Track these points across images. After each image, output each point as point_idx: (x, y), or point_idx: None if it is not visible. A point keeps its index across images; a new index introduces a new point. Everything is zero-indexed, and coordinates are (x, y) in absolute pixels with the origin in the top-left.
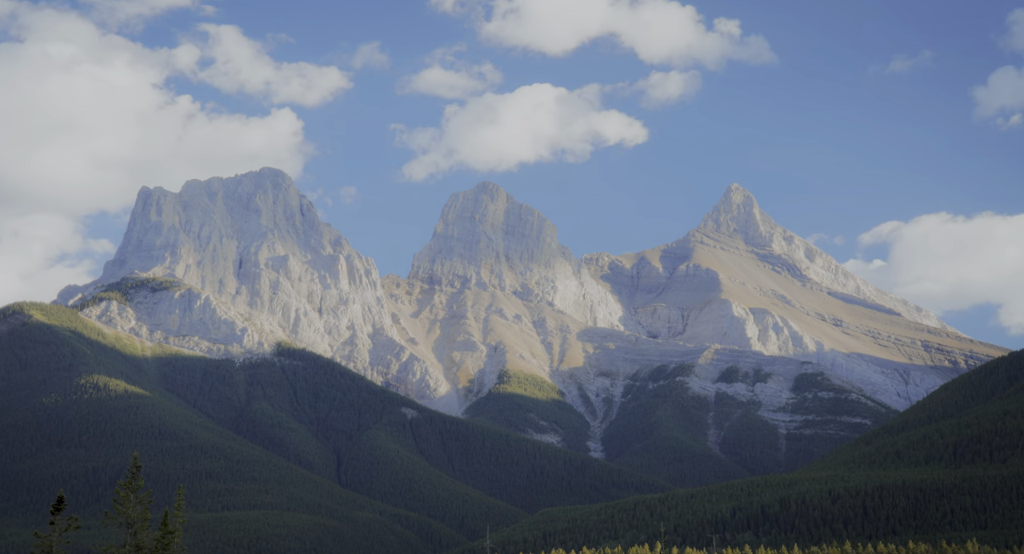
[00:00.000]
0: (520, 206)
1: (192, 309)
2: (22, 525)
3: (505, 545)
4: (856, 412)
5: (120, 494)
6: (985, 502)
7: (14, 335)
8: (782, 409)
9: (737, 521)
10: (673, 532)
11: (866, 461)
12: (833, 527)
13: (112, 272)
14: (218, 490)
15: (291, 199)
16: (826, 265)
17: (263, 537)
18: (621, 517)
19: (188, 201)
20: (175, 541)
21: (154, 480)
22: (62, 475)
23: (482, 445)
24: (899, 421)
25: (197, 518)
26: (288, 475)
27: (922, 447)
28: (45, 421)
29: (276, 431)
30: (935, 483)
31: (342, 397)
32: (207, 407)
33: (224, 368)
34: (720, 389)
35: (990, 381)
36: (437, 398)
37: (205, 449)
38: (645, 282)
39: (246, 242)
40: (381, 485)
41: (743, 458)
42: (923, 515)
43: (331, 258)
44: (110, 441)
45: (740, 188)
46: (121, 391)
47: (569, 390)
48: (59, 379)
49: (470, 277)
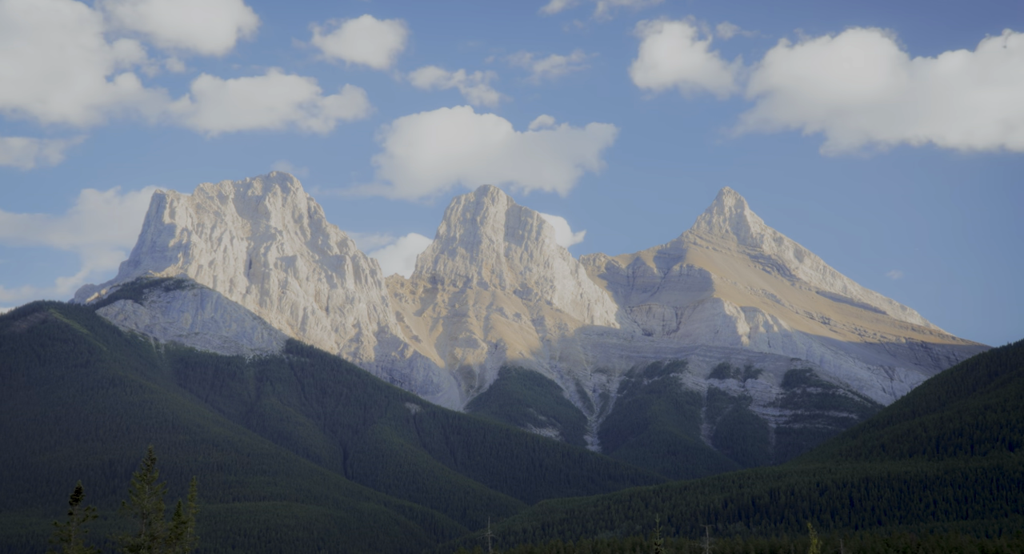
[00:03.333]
0: (520, 208)
1: (204, 308)
2: (42, 515)
3: (505, 535)
4: (843, 407)
5: (136, 485)
6: (966, 493)
7: (34, 333)
8: (772, 404)
9: (729, 512)
10: (667, 522)
11: (852, 454)
12: (821, 517)
13: (127, 272)
14: (229, 482)
15: (299, 201)
16: (814, 265)
17: (272, 527)
18: (617, 508)
19: (200, 204)
20: (188, 530)
21: (168, 472)
22: (80, 467)
23: (483, 439)
24: (884, 415)
25: (209, 508)
26: (296, 468)
27: (906, 440)
28: (64, 415)
29: (285, 425)
30: (918, 475)
31: (348, 393)
32: (218, 402)
33: (235, 365)
34: (712, 385)
35: (971, 377)
36: (440, 394)
37: (217, 442)
38: (640, 282)
39: (256, 243)
40: (386, 477)
41: (734, 451)
42: (907, 506)
43: (338, 259)
44: (126, 435)
45: (732, 191)
46: (136, 387)
47: (567, 386)
48: (77, 375)
49: (472, 277)
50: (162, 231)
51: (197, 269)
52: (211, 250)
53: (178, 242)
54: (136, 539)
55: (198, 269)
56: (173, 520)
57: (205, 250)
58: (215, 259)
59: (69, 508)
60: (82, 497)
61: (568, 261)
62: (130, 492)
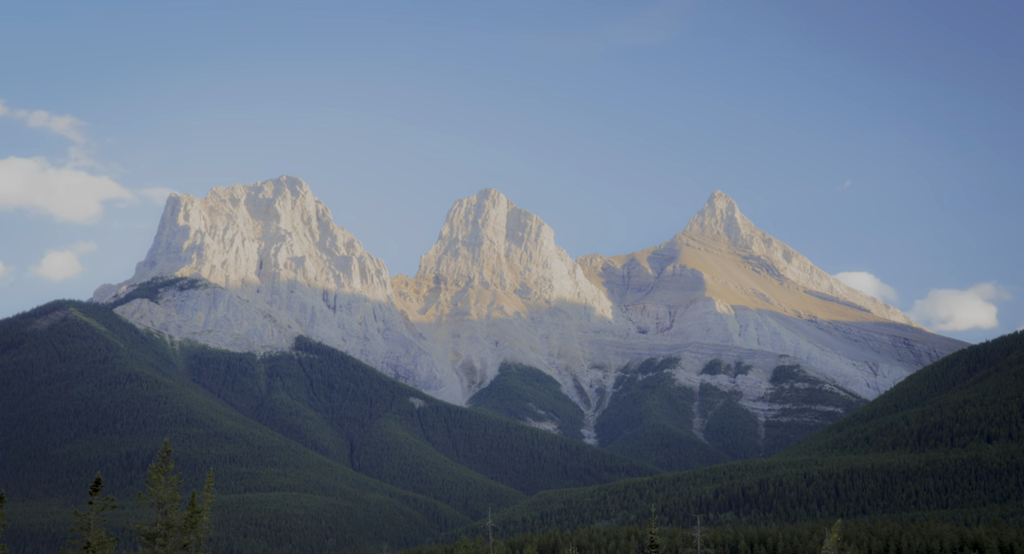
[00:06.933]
0: (520, 211)
1: (217, 306)
2: (63, 504)
3: (506, 524)
4: (829, 401)
5: (152, 476)
6: (947, 483)
7: (54, 330)
8: (761, 399)
9: (720, 502)
10: (661, 512)
11: (838, 446)
12: (808, 507)
13: (143, 272)
14: (241, 473)
15: (308, 204)
16: (802, 266)
17: (282, 516)
18: (613, 499)
19: (213, 206)
20: (203, 519)
21: (183, 464)
22: (99, 459)
23: (484, 432)
24: (868, 409)
25: (222, 499)
26: (305, 460)
27: (889, 433)
28: (83, 409)
29: (294, 419)
30: (901, 466)
31: (355, 388)
32: (230, 397)
33: (246, 361)
34: (704, 380)
35: (951, 373)
36: (443, 389)
37: (229, 436)
38: (635, 281)
39: (266, 244)
40: (391, 469)
41: (725, 444)
42: (890, 496)
43: (345, 259)
44: (142, 428)
45: (723, 194)
46: (152, 382)
47: (565, 381)
48: (95, 371)
49: (473, 277)
50: (176, 233)
51: (210, 269)
52: (223, 251)
53: (192, 243)
54: (153, 528)
55: (211, 269)
56: (188, 510)
57: (218, 251)
58: (227, 260)
59: (89, 498)
60: (101, 487)
61: (566, 261)
62: (147, 483)
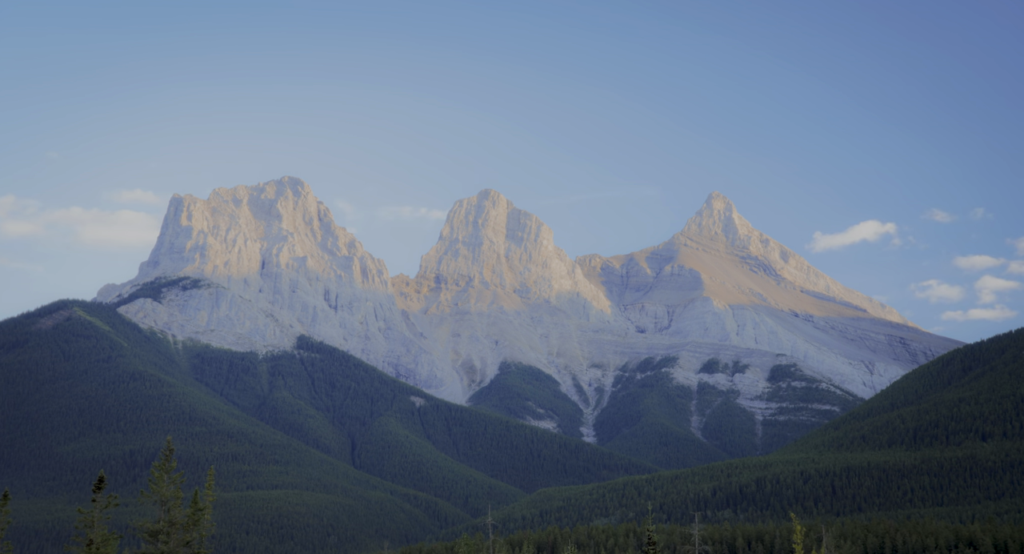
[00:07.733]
0: (519, 211)
1: (219, 306)
2: (67, 502)
3: (505, 522)
4: (826, 400)
5: (155, 474)
6: (942, 481)
7: (59, 330)
8: (758, 397)
9: (717, 500)
10: (659, 510)
11: (834, 445)
12: (804, 505)
13: (146, 272)
14: (243, 471)
15: (310, 205)
16: (799, 265)
17: (284, 514)
18: (611, 496)
19: (216, 207)
20: (205, 517)
21: (185, 462)
22: (102, 457)
23: (484, 430)
24: (864, 408)
25: (225, 497)
26: (307, 458)
27: (885, 432)
28: (87, 408)
29: (296, 418)
30: (897, 464)
31: (356, 387)
32: (233, 396)
33: (248, 360)
34: (702, 379)
35: (946, 372)
36: (443, 387)
37: (231, 434)
38: (634, 281)
39: (269, 244)
40: (392, 467)
41: (723, 442)
42: (886, 493)
43: (346, 259)
44: (145, 426)
45: (720, 195)
46: (155, 381)
47: (564, 380)
48: (99, 370)
49: (474, 276)
50: (179, 233)
51: (213, 269)
52: (226, 251)
53: (195, 244)
54: (155, 525)
55: (214, 269)
56: (190, 507)
57: (220, 251)
58: (230, 260)
59: (92, 496)
60: (104, 485)
61: (565, 261)
62: (150, 481)
